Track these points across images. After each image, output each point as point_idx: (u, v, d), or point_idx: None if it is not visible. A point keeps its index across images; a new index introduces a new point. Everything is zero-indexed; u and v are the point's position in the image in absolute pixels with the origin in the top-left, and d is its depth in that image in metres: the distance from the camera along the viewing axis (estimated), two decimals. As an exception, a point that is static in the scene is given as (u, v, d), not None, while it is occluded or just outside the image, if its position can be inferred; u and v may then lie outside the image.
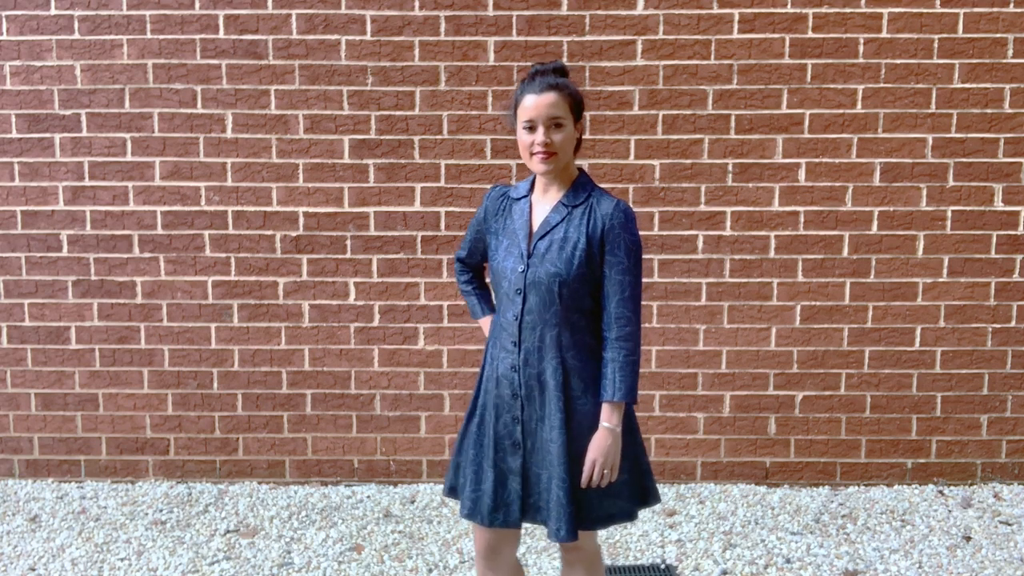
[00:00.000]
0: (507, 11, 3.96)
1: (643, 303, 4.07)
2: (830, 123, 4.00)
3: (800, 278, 4.08)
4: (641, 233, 4.02)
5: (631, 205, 4.02)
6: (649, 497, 2.41)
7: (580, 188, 2.33)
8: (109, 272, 4.14)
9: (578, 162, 4.02)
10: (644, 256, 4.05)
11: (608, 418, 2.24)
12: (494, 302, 2.49)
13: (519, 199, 2.38)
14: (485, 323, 2.57)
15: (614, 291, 2.25)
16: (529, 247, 2.29)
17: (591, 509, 2.32)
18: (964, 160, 4.01)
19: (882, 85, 3.97)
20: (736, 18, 3.95)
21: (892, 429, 4.16)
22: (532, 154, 2.25)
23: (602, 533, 3.66)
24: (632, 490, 2.38)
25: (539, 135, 2.22)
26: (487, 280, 2.59)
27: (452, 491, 2.48)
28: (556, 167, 2.27)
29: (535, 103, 2.22)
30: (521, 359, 2.29)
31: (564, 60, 3.96)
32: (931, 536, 3.67)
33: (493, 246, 2.37)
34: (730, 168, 4.03)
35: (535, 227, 2.32)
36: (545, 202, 2.34)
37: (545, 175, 2.30)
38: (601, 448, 2.23)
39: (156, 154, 4.08)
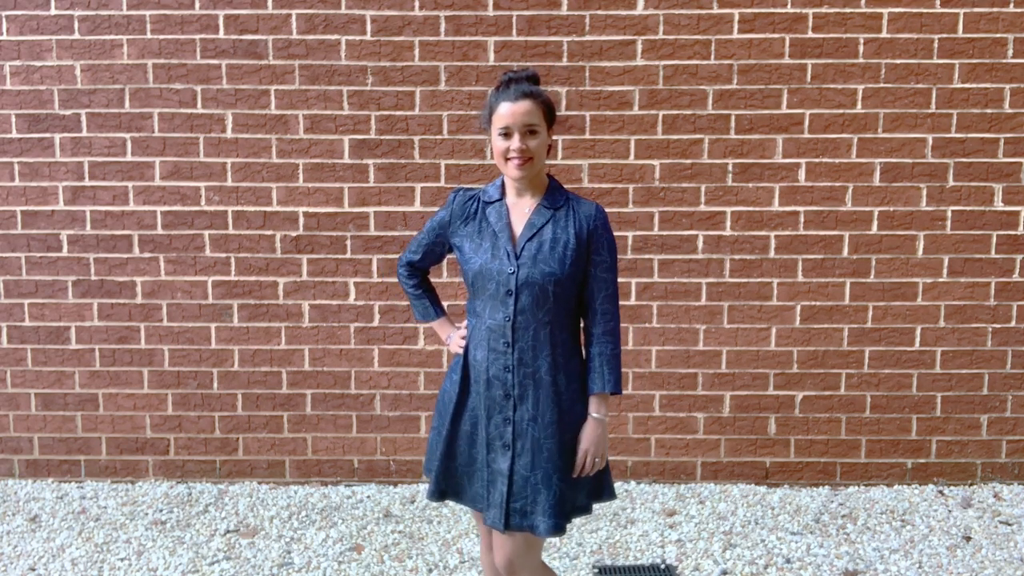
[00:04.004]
0: (507, 11, 3.96)
1: (643, 303, 4.10)
2: (830, 123, 4.00)
3: (800, 278, 4.08)
4: (641, 233, 4.07)
5: (631, 205, 4.05)
6: (604, 492, 2.45)
7: (556, 192, 2.39)
8: (109, 272, 4.14)
9: (579, 162, 4.05)
10: (644, 256, 4.07)
11: (597, 409, 2.35)
12: (443, 304, 2.65)
13: (492, 203, 2.40)
14: (438, 325, 2.61)
15: (599, 288, 2.34)
16: (515, 249, 2.31)
17: (564, 502, 2.33)
18: (964, 160, 4.01)
19: (882, 85, 3.97)
20: (736, 18, 3.95)
21: (892, 429, 4.16)
22: (508, 159, 2.30)
23: (601, 533, 3.66)
24: (592, 484, 2.42)
25: (515, 141, 2.28)
26: (432, 283, 2.69)
27: (443, 495, 2.46)
28: (531, 172, 2.32)
29: (510, 111, 2.28)
30: (515, 359, 2.31)
31: (564, 60, 3.98)
32: (931, 536, 3.67)
33: (468, 249, 2.38)
34: (730, 168, 4.03)
35: (516, 229, 2.35)
36: (521, 205, 2.38)
37: (519, 180, 2.34)
38: (593, 438, 2.33)
39: (156, 154, 4.08)
